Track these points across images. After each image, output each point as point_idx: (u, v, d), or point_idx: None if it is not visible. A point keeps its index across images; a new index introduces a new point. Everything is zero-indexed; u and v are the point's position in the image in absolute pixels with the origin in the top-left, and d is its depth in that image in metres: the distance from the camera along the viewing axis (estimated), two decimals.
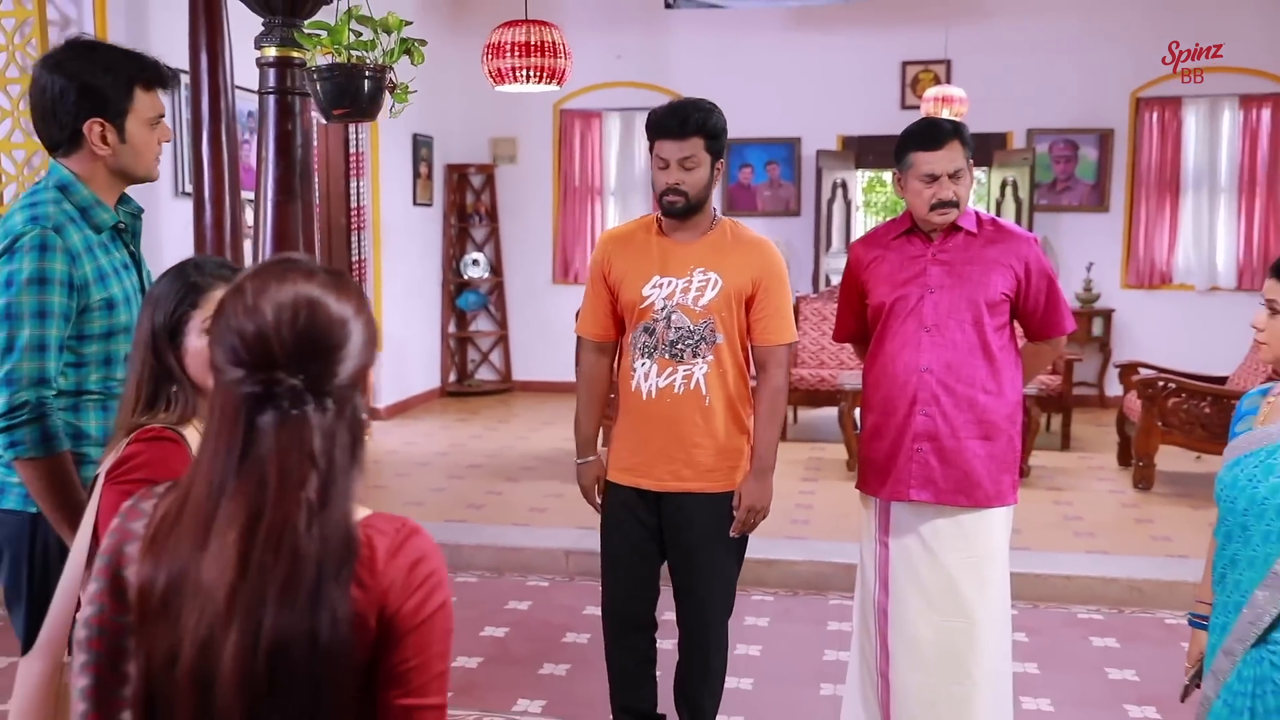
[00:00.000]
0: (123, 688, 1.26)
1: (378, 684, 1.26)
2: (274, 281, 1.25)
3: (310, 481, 1.22)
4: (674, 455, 3.02)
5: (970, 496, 3.03)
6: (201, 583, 1.20)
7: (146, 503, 1.31)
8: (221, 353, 1.24)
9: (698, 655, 3.17)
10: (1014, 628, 4.24)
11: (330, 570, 1.21)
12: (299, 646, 1.19)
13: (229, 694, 1.18)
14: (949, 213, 3.00)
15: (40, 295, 2.13)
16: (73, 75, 2.22)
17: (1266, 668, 2.24)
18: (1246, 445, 2.32)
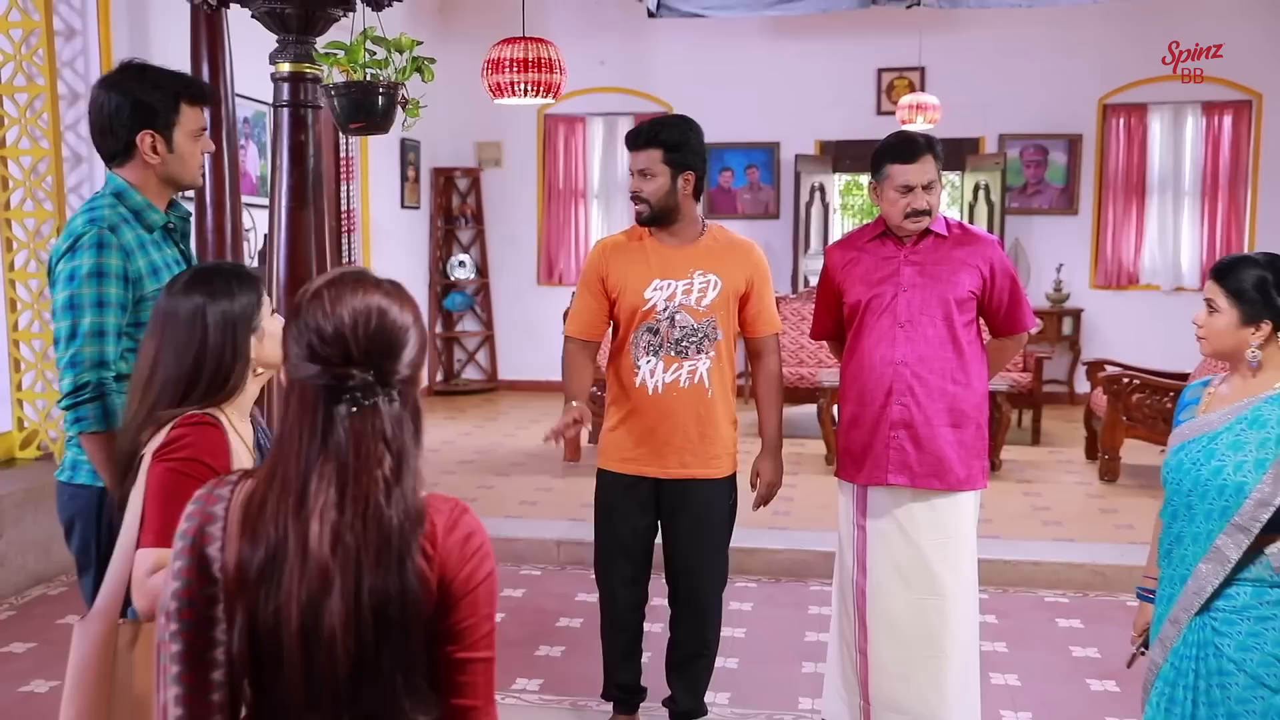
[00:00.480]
0: (212, 651, 1.44)
1: (437, 640, 1.46)
2: (349, 291, 1.45)
3: (385, 461, 1.42)
4: (679, 445, 3.26)
5: (944, 480, 3.26)
6: (302, 553, 1.40)
7: (222, 489, 1.49)
8: (298, 350, 1.43)
9: (695, 630, 3.39)
10: (985, 611, 4.51)
11: (410, 537, 1.42)
12: (395, 602, 1.40)
13: (337, 647, 1.38)
14: (922, 220, 3.23)
15: (99, 287, 2.37)
16: (126, 92, 2.46)
17: (1208, 633, 2.49)
18: (1189, 432, 2.57)
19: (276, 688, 1.42)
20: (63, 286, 2.39)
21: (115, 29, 5.60)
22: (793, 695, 3.95)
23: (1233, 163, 9.26)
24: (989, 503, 6.00)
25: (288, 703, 1.42)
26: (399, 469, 1.42)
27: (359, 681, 1.40)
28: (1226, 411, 2.50)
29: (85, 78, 5.58)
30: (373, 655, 1.39)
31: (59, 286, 2.40)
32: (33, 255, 5.55)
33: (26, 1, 5.41)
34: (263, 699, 1.45)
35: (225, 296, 2.04)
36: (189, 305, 2.05)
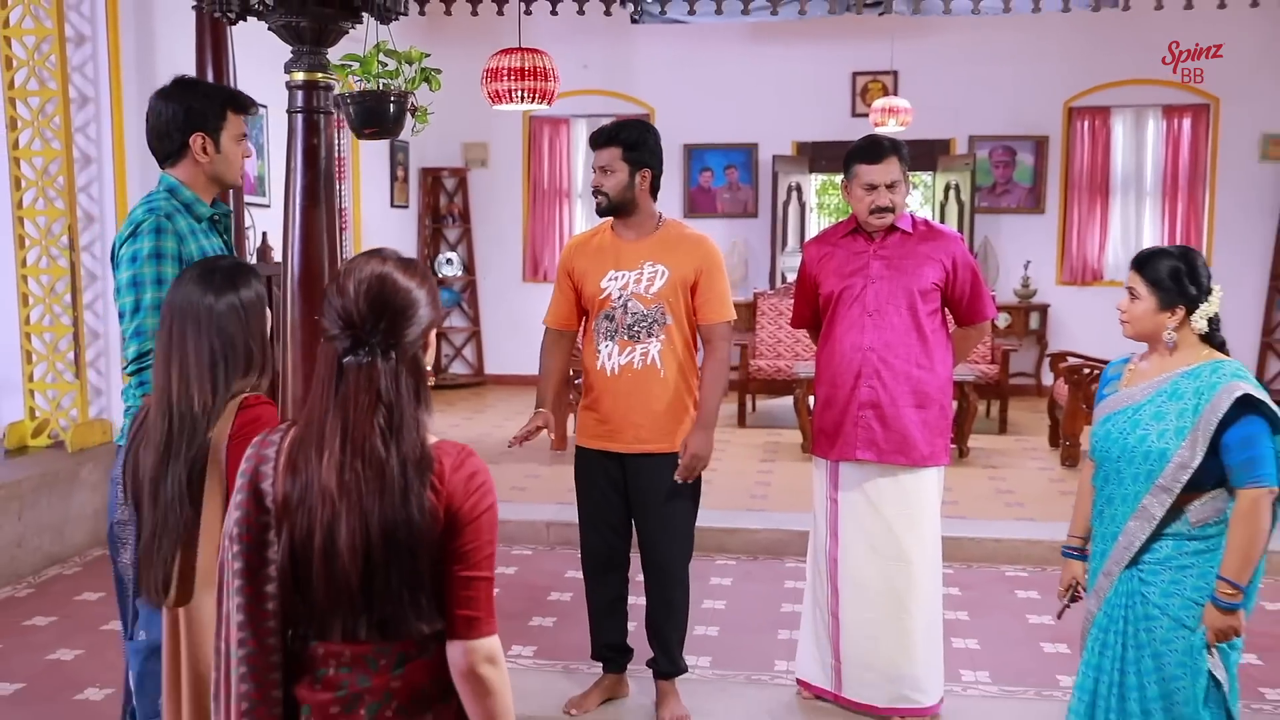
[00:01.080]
0: (265, 567, 1.75)
1: (445, 561, 1.75)
2: (360, 264, 1.77)
3: (379, 411, 1.71)
4: (636, 421, 3.55)
5: (908, 456, 3.57)
6: (319, 485, 1.71)
7: (274, 435, 1.80)
8: (327, 318, 1.75)
9: (662, 594, 3.67)
10: (950, 584, 4.84)
11: (413, 476, 1.71)
12: (401, 528, 1.69)
13: (347, 562, 1.69)
14: (885, 217, 3.54)
15: (158, 267, 2.66)
16: (181, 101, 2.79)
17: (1136, 583, 2.81)
18: (1114, 405, 2.89)
19: (306, 593, 1.73)
20: (126, 267, 2.68)
21: (123, 35, 5.86)
22: (769, 659, 4.26)
23: (1191, 164, 9.64)
24: (956, 486, 6.39)
25: (316, 609, 1.73)
26: (393, 418, 1.71)
27: (370, 593, 1.70)
28: (1147, 386, 2.82)
29: (94, 82, 5.84)
30: (382, 572, 1.69)
31: (123, 267, 2.70)
32: (44, 252, 5.80)
33: (39, 9, 5.66)
34: (301, 605, 1.75)
35: (260, 295, 2.32)
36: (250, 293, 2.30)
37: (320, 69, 3.68)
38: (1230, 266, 9.60)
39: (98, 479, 5.70)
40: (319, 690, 1.74)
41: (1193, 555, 2.76)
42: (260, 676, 1.74)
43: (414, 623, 1.73)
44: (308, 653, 1.76)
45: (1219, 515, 2.75)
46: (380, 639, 1.73)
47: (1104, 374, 3.04)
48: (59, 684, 4.02)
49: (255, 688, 1.73)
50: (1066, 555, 3.09)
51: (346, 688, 1.73)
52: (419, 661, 1.75)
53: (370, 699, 1.73)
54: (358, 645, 1.73)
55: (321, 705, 1.73)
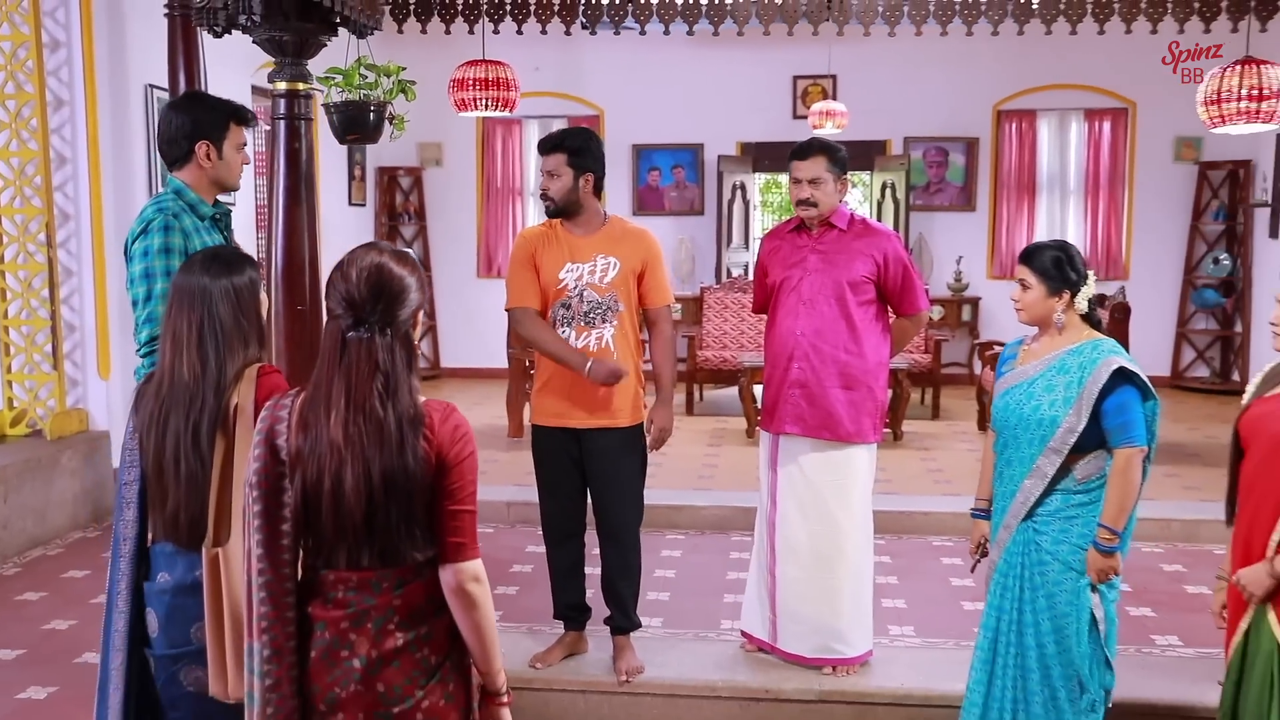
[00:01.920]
0: (281, 510, 2.10)
1: (436, 498, 2.11)
2: (360, 254, 2.14)
3: (377, 377, 2.07)
4: (591, 399, 3.90)
5: (833, 432, 3.95)
6: (329, 438, 2.06)
7: (286, 399, 2.16)
8: (331, 300, 2.12)
9: (618, 555, 4.03)
10: (881, 553, 5.26)
11: (408, 430, 2.07)
12: (399, 473, 2.06)
13: (352, 503, 2.04)
14: (809, 209, 3.92)
15: (167, 260, 2.97)
16: (189, 112, 3.13)
17: (1031, 534, 3.25)
18: (1011, 380, 3.32)
19: (317, 530, 2.09)
20: (139, 260, 2.99)
21: (97, 41, 6.11)
22: (715, 619, 4.65)
23: (1111, 164, 10.21)
24: (891, 466, 6.85)
25: (325, 542, 2.09)
26: (389, 383, 2.07)
27: (372, 528, 2.06)
28: (1039, 363, 3.26)
29: (69, 86, 6.09)
30: (382, 511, 2.06)
31: (135, 260, 3.00)
32: (22, 249, 6.05)
33: (16, 16, 5.90)
34: (311, 540, 2.11)
35: (255, 281, 2.61)
36: (242, 279, 2.59)
37: (301, 79, 4.05)
38: (1147, 261, 10.22)
39: (76, 465, 5.97)
40: (331, 609, 2.10)
41: (1078, 507, 3.20)
42: (276, 600, 2.09)
43: (410, 551, 2.10)
44: (319, 579, 2.12)
45: (1099, 472, 3.20)
46: (381, 566, 2.09)
47: (1001, 355, 3.47)
48: (57, 650, 4.32)
49: (272, 609, 2.09)
50: (975, 516, 3.52)
51: (355, 606, 2.09)
52: (416, 583, 2.11)
53: (375, 614, 2.09)
54: (362, 572, 2.09)
55: (334, 621, 2.09)
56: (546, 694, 4.00)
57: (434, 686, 2.12)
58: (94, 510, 6.10)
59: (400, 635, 2.09)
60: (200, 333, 2.49)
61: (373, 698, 2.08)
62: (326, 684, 2.09)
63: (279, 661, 2.08)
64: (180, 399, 2.48)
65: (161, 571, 2.54)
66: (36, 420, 6.10)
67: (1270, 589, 2.73)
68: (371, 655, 2.07)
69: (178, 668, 2.50)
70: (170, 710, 2.53)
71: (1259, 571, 2.74)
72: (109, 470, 6.25)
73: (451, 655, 2.16)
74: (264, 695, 2.08)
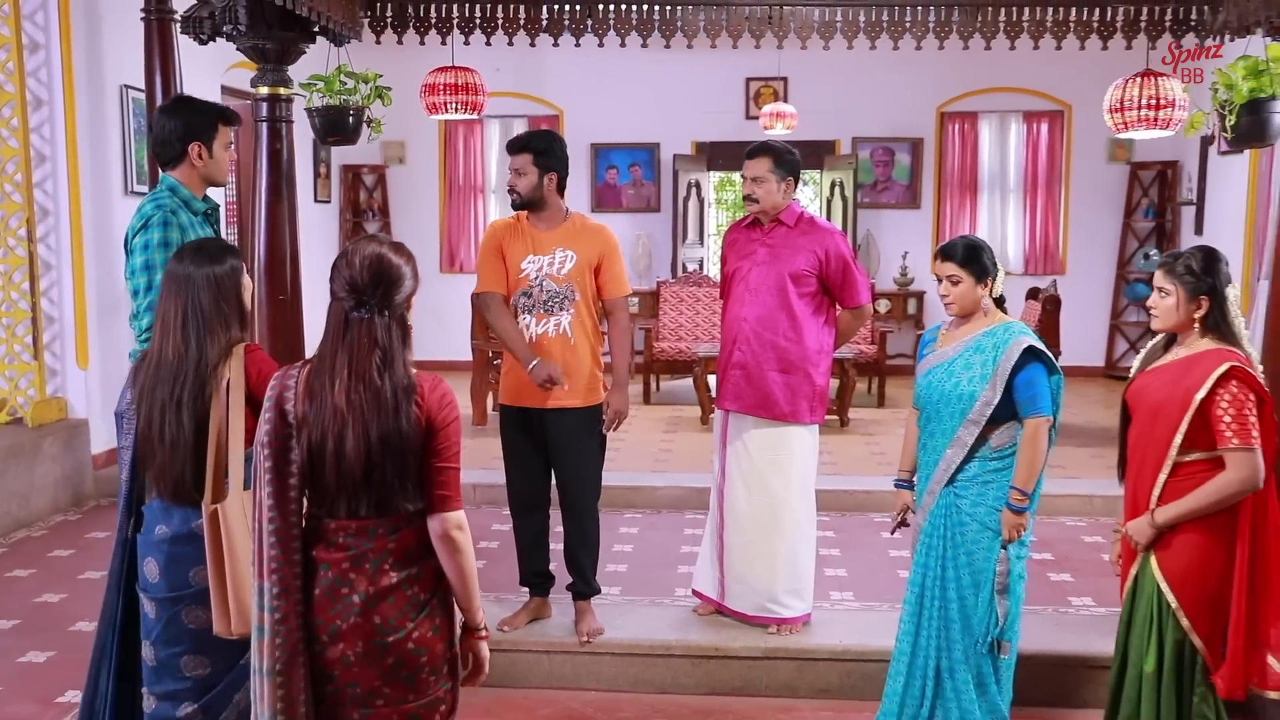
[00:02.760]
0: (289, 466, 2.41)
1: (426, 457, 2.42)
2: (362, 245, 2.45)
3: (375, 352, 2.38)
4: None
5: (769, 412, 4.30)
6: (331, 404, 2.37)
7: (293, 370, 2.47)
8: (336, 285, 2.42)
9: (578, 527, 4.36)
10: (825, 528, 5.64)
11: (402, 398, 2.39)
12: (393, 435, 2.37)
13: (354, 459, 2.35)
14: (752, 204, 4.28)
15: (166, 253, 3.22)
16: (180, 115, 3.41)
17: (952, 498, 3.61)
18: (934, 361, 3.69)
19: (320, 484, 2.39)
20: (139, 253, 3.27)
21: (75, 44, 6.35)
22: (670, 588, 4.99)
23: (1049, 164, 10.68)
24: (837, 450, 7.25)
25: (327, 494, 2.40)
26: (386, 357, 2.38)
27: (369, 482, 2.37)
28: (957, 344, 3.63)
29: (49, 86, 6.32)
30: (379, 467, 2.37)
31: (136, 254, 3.28)
32: (2, 243, 6.26)
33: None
34: (314, 493, 2.42)
35: (237, 267, 2.87)
36: (223, 268, 2.83)
37: (283, 84, 4.35)
38: (1082, 257, 10.71)
39: (57, 451, 6.21)
40: (334, 552, 2.41)
41: (993, 473, 3.57)
42: (285, 544, 2.39)
43: (402, 502, 2.41)
44: (322, 527, 2.43)
45: (1011, 441, 3.57)
46: (377, 515, 2.40)
47: (922, 339, 3.85)
48: (51, 620, 4.59)
49: (281, 552, 2.39)
50: (898, 486, 3.89)
51: (354, 549, 2.40)
52: (407, 530, 2.43)
53: (372, 556, 2.40)
54: (361, 520, 2.40)
55: (336, 562, 2.41)
56: (513, 654, 4.30)
57: (423, 620, 2.43)
58: (74, 495, 6.34)
59: (394, 574, 2.40)
60: (184, 317, 2.76)
61: (370, 628, 2.38)
62: (329, 617, 2.39)
63: (287, 598, 2.38)
64: (166, 375, 2.76)
65: (159, 524, 2.80)
66: (17, 409, 6.31)
67: (1152, 537, 3.11)
68: (369, 592, 2.38)
69: (179, 608, 2.77)
70: (173, 645, 2.78)
71: (1142, 523, 3.13)
72: (88, 456, 6.49)
73: (438, 594, 2.47)
74: (273, 628, 2.38)
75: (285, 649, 2.36)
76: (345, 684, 2.39)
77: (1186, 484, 3.07)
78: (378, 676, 2.39)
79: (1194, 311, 3.13)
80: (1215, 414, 3.01)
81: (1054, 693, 4.11)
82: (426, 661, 2.43)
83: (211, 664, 2.78)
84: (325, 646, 2.39)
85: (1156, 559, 3.11)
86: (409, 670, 2.41)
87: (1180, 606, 3.06)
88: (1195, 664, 3.09)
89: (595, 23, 4.46)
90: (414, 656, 2.41)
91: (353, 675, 2.38)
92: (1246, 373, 3.03)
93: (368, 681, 2.39)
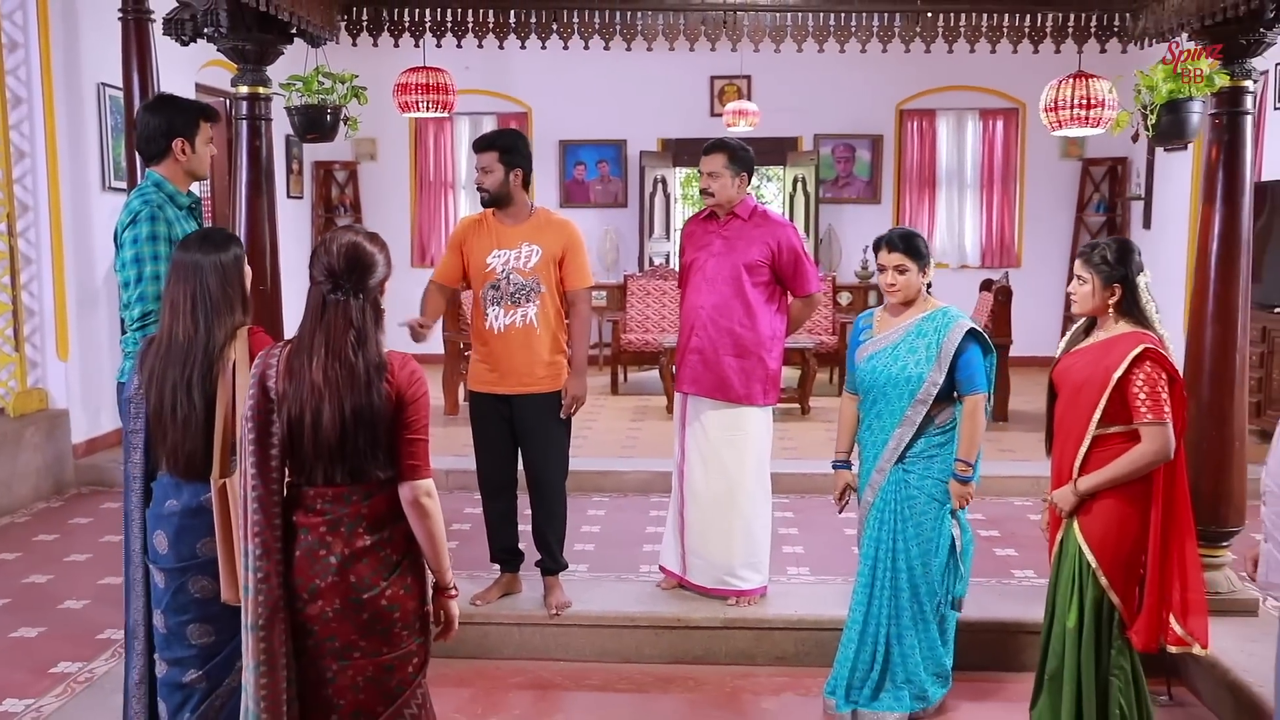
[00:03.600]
0: (270, 438, 2.61)
1: (397, 429, 2.63)
2: (339, 235, 2.67)
3: (350, 332, 2.59)
4: (517, 368, 4.44)
5: (725, 394, 4.52)
6: (309, 380, 2.58)
7: (276, 349, 2.67)
8: (315, 270, 2.63)
9: (545, 506, 4.58)
10: (785, 509, 5.89)
11: (374, 374, 2.60)
12: (366, 409, 2.58)
13: (329, 431, 2.56)
14: (708, 198, 4.51)
15: (154, 246, 3.41)
16: (164, 113, 3.56)
17: (901, 474, 3.87)
18: (874, 347, 3.94)
19: (299, 454, 2.60)
20: (129, 247, 3.43)
21: (54, 42, 6.50)
22: (635, 565, 5.24)
23: (1004, 161, 11.01)
24: (798, 436, 7.51)
25: (306, 463, 2.60)
26: (360, 337, 2.58)
27: (344, 452, 2.58)
28: (897, 331, 3.89)
29: (27, 84, 6.47)
30: (352, 438, 2.57)
31: (125, 247, 3.44)
32: None
33: None
34: (293, 462, 2.62)
35: (240, 257, 3.06)
36: (229, 255, 3.02)
37: (262, 83, 4.54)
38: (1037, 249, 11.04)
39: (39, 441, 6.37)
40: (312, 517, 2.61)
41: (938, 447, 3.84)
42: (266, 510, 2.59)
43: (375, 471, 2.61)
44: (301, 494, 2.63)
45: (952, 417, 3.84)
46: (352, 482, 2.60)
47: (855, 326, 4.10)
48: (40, 599, 4.77)
49: (263, 517, 2.59)
50: (836, 467, 4.15)
51: (330, 514, 2.60)
52: (379, 496, 2.63)
53: (348, 521, 2.60)
54: (336, 487, 2.60)
55: (314, 526, 2.61)
56: (486, 627, 4.51)
57: (395, 579, 2.64)
58: (55, 483, 6.50)
59: (368, 537, 2.61)
60: (194, 301, 2.93)
61: (346, 586, 2.59)
62: (309, 577, 2.60)
63: (268, 559, 2.58)
64: (177, 356, 2.92)
65: (169, 499, 2.96)
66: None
67: (1075, 504, 3.37)
68: (345, 553, 2.59)
69: (186, 578, 2.94)
70: (181, 614, 2.95)
71: (1066, 491, 3.39)
72: (69, 445, 6.65)
73: (408, 555, 2.68)
74: (256, 586, 2.58)
75: (267, 605, 2.56)
76: (324, 638, 2.59)
77: (1105, 455, 3.32)
78: (354, 631, 2.58)
79: (1108, 298, 3.40)
80: (1131, 391, 3.26)
81: (996, 656, 4.36)
82: (399, 617, 2.63)
83: (216, 632, 2.94)
84: (306, 604, 2.59)
85: (1078, 523, 3.37)
86: (383, 625, 2.61)
87: (1099, 566, 3.33)
88: (1113, 620, 3.36)
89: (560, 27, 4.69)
90: (387, 612, 2.61)
91: (331, 630, 2.58)
92: (1159, 354, 3.29)
93: (345, 635, 2.58)
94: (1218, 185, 4.36)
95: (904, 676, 3.91)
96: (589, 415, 8.31)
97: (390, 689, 2.64)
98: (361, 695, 2.61)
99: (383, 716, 2.63)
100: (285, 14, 4.17)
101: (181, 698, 2.96)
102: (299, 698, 2.61)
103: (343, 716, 2.62)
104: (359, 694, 2.61)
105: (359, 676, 2.60)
